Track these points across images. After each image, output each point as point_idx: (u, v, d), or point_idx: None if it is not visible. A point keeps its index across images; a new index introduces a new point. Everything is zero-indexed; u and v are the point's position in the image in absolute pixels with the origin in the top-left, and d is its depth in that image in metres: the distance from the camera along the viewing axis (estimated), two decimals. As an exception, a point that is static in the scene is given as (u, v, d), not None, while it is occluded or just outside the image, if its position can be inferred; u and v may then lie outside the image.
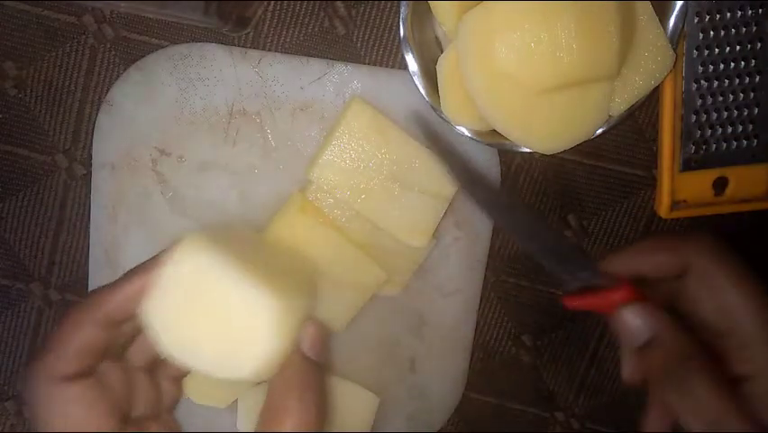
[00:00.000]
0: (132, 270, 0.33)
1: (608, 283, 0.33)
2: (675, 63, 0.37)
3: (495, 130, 0.36)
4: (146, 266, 0.33)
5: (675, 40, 0.37)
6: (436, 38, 0.39)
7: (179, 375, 0.37)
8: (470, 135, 0.38)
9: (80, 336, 0.32)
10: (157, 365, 0.36)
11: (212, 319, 0.31)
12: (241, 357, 0.31)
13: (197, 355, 0.31)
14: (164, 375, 0.37)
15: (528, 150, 0.38)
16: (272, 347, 0.31)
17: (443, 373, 0.44)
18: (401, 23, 0.36)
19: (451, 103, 0.36)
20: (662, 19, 0.36)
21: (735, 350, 0.31)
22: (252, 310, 0.30)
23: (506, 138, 0.36)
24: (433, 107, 0.38)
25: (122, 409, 0.33)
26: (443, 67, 0.36)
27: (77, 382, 0.31)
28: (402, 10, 0.36)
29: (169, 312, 0.31)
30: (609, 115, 0.37)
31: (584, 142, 0.36)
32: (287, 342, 0.32)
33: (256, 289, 0.30)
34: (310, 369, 0.33)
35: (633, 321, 0.32)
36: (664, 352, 0.31)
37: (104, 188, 0.41)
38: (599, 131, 0.37)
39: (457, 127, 0.38)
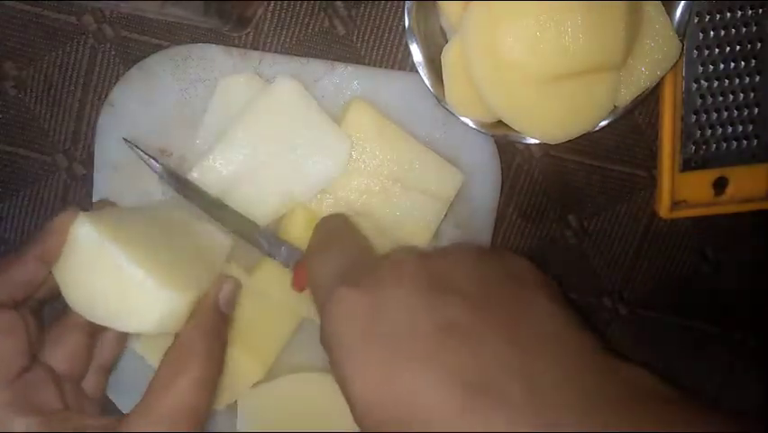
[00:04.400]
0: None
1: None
2: (675, 63, 0.36)
3: (500, 121, 0.36)
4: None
5: (682, 31, 0.36)
6: (441, 28, 0.38)
7: (121, 335, 0.38)
8: (474, 126, 0.37)
9: (23, 269, 0.33)
10: (97, 327, 0.37)
11: (108, 283, 0.33)
12: (134, 315, 0.33)
13: (97, 311, 0.33)
14: (105, 335, 0.38)
15: (532, 141, 0.38)
16: (165, 307, 0.33)
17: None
18: (405, 13, 0.36)
19: (455, 93, 0.36)
20: (669, 12, 0.36)
21: None
22: (145, 292, 0.33)
23: (511, 129, 0.35)
24: (437, 99, 0.37)
25: (31, 354, 0.34)
26: (448, 57, 0.35)
27: (5, 310, 0.32)
28: (407, 1, 0.36)
29: (72, 270, 0.33)
30: (615, 106, 0.36)
31: (585, 142, 0.36)
32: (181, 303, 0.34)
33: (149, 280, 0.33)
34: (221, 320, 0.35)
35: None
36: None
37: (105, 189, 0.41)
38: (604, 122, 0.37)
39: (461, 118, 0.37)
